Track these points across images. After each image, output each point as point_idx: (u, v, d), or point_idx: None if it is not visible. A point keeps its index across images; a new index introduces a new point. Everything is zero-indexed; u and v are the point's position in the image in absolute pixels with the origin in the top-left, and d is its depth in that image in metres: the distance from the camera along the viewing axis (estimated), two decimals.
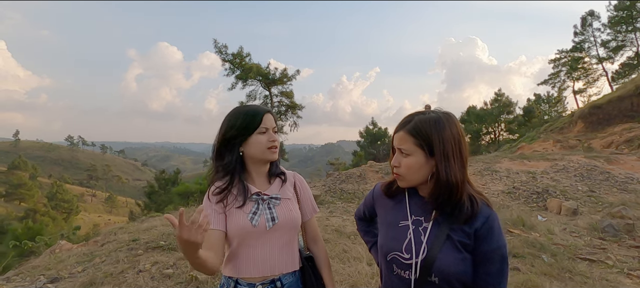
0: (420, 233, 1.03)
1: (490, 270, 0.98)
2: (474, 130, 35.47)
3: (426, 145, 0.99)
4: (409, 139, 1.01)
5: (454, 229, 1.00)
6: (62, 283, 3.31)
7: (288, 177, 1.30)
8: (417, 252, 1.01)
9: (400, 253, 1.04)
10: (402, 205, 1.11)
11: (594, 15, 30.88)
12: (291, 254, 1.24)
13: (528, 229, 5.04)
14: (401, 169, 1.04)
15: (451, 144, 0.99)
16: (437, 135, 0.98)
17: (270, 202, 1.21)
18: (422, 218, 1.05)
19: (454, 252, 0.98)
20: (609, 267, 3.78)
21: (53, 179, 78.36)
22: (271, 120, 1.21)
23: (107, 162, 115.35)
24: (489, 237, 0.98)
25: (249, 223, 1.16)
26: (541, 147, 17.79)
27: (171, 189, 21.06)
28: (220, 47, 20.57)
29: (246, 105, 1.25)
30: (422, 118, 1.01)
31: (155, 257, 3.57)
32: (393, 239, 1.07)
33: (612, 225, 4.98)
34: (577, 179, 8.34)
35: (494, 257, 0.98)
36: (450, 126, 1.00)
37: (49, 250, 5.12)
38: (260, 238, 1.18)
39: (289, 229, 1.22)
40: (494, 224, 0.99)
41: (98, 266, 3.56)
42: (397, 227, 1.08)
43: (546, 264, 3.73)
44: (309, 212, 1.33)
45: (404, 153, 1.03)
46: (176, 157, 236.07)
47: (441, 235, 1.00)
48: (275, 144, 1.21)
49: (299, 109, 22.60)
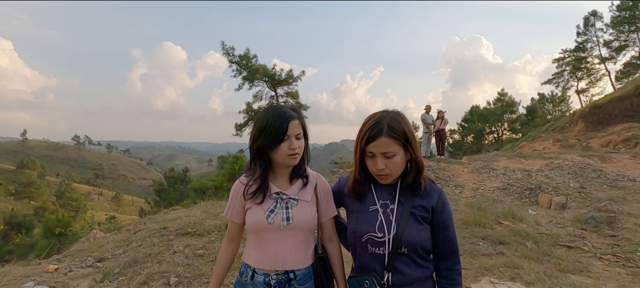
0: (388, 214, 1.20)
1: (448, 233, 1.23)
2: (477, 129, 35.71)
3: (404, 140, 1.16)
4: (392, 141, 1.14)
5: (415, 207, 1.20)
6: (107, 262, 3.86)
7: (310, 179, 1.35)
8: (389, 229, 1.18)
9: (374, 233, 1.20)
10: (369, 194, 1.26)
11: (596, 16, 31.06)
12: (305, 252, 1.31)
13: (517, 221, 5.51)
14: (388, 170, 1.17)
15: (413, 133, 1.19)
16: (407, 128, 1.16)
17: (289, 202, 1.28)
18: (387, 201, 1.23)
19: (417, 225, 1.19)
20: (584, 252, 4.27)
21: (61, 178, 79.55)
22: (295, 126, 1.24)
23: (113, 161, 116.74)
24: (443, 209, 1.22)
25: (265, 220, 1.25)
26: (541, 146, 18.16)
27: (180, 187, 21.72)
28: (227, 49, 21.15)
29: (270, 108, 1.29)
30: (389, 120, 1.15)
31: (186, 241, 4.11)
32: (365, 223, 1.22)
33: (594, 217, 5.45)
34: (570, 177, 8.78)
35: (449, 223, 1.23)
36: (407, 120, 1.20)
37: (83, 238, 5.68)
38: (275, 235, 1.27)
39: (302, 230, 1.29)
40: (445, 199, 1.24)
41: (136, 249, 4.10)
42: (368, 212, 1.23)
43: (528, 249, 4.21)
44: (327, 214, 1.37)
45: (389, 156, 1.16)
46: (181, 156, 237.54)
47: (405, 213, 1.19)
48: (295, 151, 1.24)
49: (304, 109, 23.11)
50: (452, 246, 1.23)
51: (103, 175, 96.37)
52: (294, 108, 1.29)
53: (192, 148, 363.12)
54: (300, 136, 1.27)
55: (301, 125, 1.26)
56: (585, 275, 3.55)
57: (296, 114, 1.27)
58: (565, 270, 3.64)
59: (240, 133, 21.64)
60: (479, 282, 3.34)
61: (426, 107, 11.26)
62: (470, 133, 36.51)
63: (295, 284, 1.28)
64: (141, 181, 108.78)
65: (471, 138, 36.65)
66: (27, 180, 62.64)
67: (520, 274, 3.50)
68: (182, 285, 3.15)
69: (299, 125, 1.25)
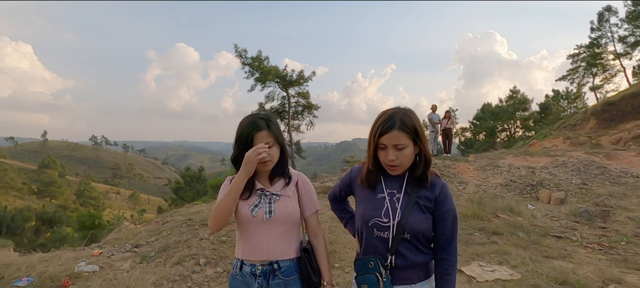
0: (394, 202, 1.30)
1: (446, 224, 1.31)
2: (489, 127, 35.57)
3: (414, 134, 1.26)
4: (403, 135, 1.24)
5: (420, 197, 1.29)
6: (143, 248, 4.42)
7: (292, 178, 1.46)
8: (394, 215, 1.28)
9: (380, 218, 1.30)
10: (379, 184, 1.36)
11: (611, 11, 30.59)
12: (288, 243, 1.41)
13: (514, 215, 5.87)
14: (398, 161, 1.26)
15: (423, 128, 1.31)
16: (417, 123, 1.27)
17: (272, 197, 1.40)
18: (394, 190, 1.33)
19: (420, 214, 1.28)
20: (572, 241, 4.63)
21: (80, 177, 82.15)
22: (262, 137, 1.34)
23: (129, 161, 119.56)
24: (445, 201, 1.31)
25: (249, 214, 1.37)
26: (551, 143, 18.20)
27: (196, 185, 22.54)
28: (240, 51, 21.80)
29: (245, 118, 1.40)
30: (401, 116, 1.26)
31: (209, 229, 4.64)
32: (373, 209, 1.32)
33: (587, 211, 5.76)
34: (573, 173, 9.03)
35: (448, 216, 1.31)
36: (416, 116, 1.30)
37: (116, 229, 6.30)
38: (259, 227, 1.38)
39: (284, 222, 1.39)
40: (447, 192, 1.33)
41: (167, 237, 4.66)
42: (376, 199, 1.33)
43: (519, 239, 4.60)
44: (309, 209, 1.47)
45: (400, 148, 1.25)
46: (194, 156, 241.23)
47: (411, 202, 1.28)
48: (264, 159, 1.33)
49: (314, 109, 23.65)
50: (449, 237, 1.31)
51: (120, 175, 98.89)
52: (266, 117, 1.40)
53: (205, 147, 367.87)
54: (271, 144, 1.36)
55: (271, 134, 1.36)
56: (567, 260, 3.93)
57: (265, 124, 1.36)
58: (549, 256, 4.03)
59: None
60: (469, 265, 3.77)
61: (432, 107, 11.61)
62: (482, 131, 36.39)
63: (279, 275, 1.38)
64: (156, 180, 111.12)
65: (483, 136, 36.52)
66: (48, 180, 64.98)
67: (508, 259, 3.90)
68: (209, 265, 3.67)
69: (267, 135, 1.35)
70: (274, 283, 1.37)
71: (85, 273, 3.52)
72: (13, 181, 57.55)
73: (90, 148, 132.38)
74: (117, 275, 3.48)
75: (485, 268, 3.64)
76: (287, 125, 22.99)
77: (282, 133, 1.45)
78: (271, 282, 1.37)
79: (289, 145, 22.95)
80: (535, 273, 3.43)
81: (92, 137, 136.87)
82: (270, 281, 1.37)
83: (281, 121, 23.45)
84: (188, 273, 3.57)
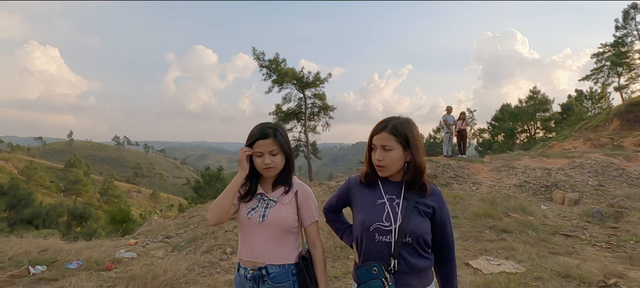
0: (394, 207, 1.34)
1: (446, 229, 1.38)
2: (508, 128, 34.96)
3: (404, 141, 1.31)
4: (392, 138, 1.31)
5: (419, 202, 1.34)
6: (173, 238, 4.83)
7: (293, 187, 1.51)
8: (395, 220, 1.32)
9: (381, 223, 1.33)
10: (377, 189, 1.40)
11: (637, 8, 29.59)
12: (277, 249, 1.45)
13: (526, 214, 6.00)
14: (385, 162, 1.33)
15: (417, 140, 1.34)
16: (410, 133, 1.32)
17: (269, 202, 1.46)
18: (394, 196, 1.37)
19: (420, 218, 1.33)
20: (581, 240, 4.76)
21: (103, 176, 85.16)
22: (267, 144, 1.42)
23: (150, 160, 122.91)
24: (442, 208, 1.37)
25: (245, 215, 1.46)
26: (571, 145, 17.87)
27: (215, 184, 23.21)
28: (258, 54, 22.34)
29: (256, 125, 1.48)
30: (397, 121, 1.33)
31: (234, 223, 5.00)
32: (374, 214, 1.35)
33: (600, 211, 5.84)
34: (591, 175, 8.99)
35: (447, 221, 1.38)
36: (414, 127, 1.36)
37: (146, 223, 6.77)
38: (253, 229, 1.45)
39: (275, 227, 1.44)
40: (443, 198, 1.40)
41: (194, 229, 5.06)
42: (376, 204, 1.37)
43: (528, 236, 4.76)
44: (307, 219, 1.51)
45: (387, 149, 1.32)
46: (212, 156, 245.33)
47: (410, 206, 1.33)
48: (268, 166, 1.42)
49: (330, 110, 23.94)
50: (447, 243, 1.38)
51: (141, 174, 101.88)
52: (274, 126, 1.47)
53: (223, 148, 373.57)
54: (276, 152, 1.43)
55: (276, 142, 1.42)
56: (573, 257, 4.08)
57: (272, 132, 1.43)
58: (556, 253, 4.19)
59: None
60: (476, 259, 3.98)
61: (447, 108, 11.71)
62: (500, 132, 35.79)
63: (268, 281, 1.43)
64: (175, 180, 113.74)
65: (502, 137, 35.92)
66: (74, 178, 67.64)
67: (514, 255, 4.09)
68: (235, 253, 4.02)
69: (273, 142, 1.42)
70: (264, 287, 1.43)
71: (125, 259, 3.93)
72: (42, 179, 60.34)
73: (113, 148, 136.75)
74: (153, 261, 3.88)
75: (492, 262, 3.85)
76: (304, 126, 23.36)
77: (290, 143, 1.51)
78: (261, 287, 1.43)
79: (305, 145, 23.33)
80: (540, 267, 3.62)
81: (114, 137, 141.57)
82: (260, 285, 1.43)
83: (298, 122, 23.85)
84: (216, 260, 3.93)
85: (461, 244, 4.55)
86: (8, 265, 3.55)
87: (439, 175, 9.16)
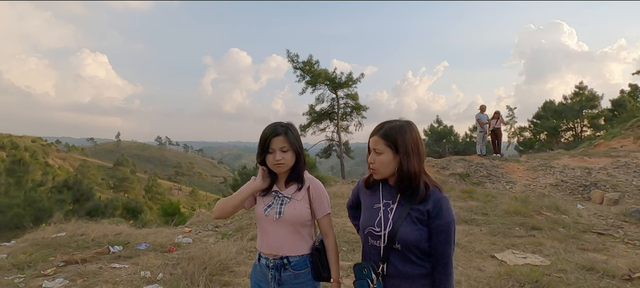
0: (388, 212, 1.34)
1: (440, 238, 1.29)
2: (551, 126, 33.23)
3: (393, 145, 1.30)
4: (381, 141, 1.32)
5: (413, 208, 1.30)
6: (222, 228, 5.42)
7: (305, 183, 1.57)
8: (385, 225, 1.32)
9: (373, 227, 1.35)
10: (377, 192, 1.42)
11: None
12: (296, 241, 1.55)
13: (560, 213, 6.01)
14: (376, 165, 1.34)
15: (411, 144, 1.30)
16: (400, 137, 1.30)
17: (284, 199, 1.54)
18: (390, 201, 1.36)
19: (411, 225, 1.29)
20: (614, 238, 4.77)
21: (148, 174, 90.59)
22: (278, 141, 1.48)
23: (189, 160, 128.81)
24: (438, 215, 1.28)
25: (262, 212, 1.55)
26: (619, 143, 16.86)
27: None
28: (292, 56, 23.04)
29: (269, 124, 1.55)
30: (390, 125, 1.33)
31: None
32: (369, 218, 1.39)
33: (639, 210, 5.73)
34: (636, 175, 8.63)
35: (442, 229, 1.28)
36: (410, 131, 1.32)
37: (195, 215, 7.49)
38: (271, 225, 1.54)
39: (292, 222, 1.53)
40: (442, 205, 1.29)
41: (239, 220, 5.63)
42: (373, 208, 1.39)
43: (559, 233, 4.85)
44: (320, 212, 1.57)
45: (378, 153, 1.33)
46: (247, 156, 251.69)
47: (403, 213, 1.31)
48: (279, 161, 1.48)
49: (363, 110, 24.19)
50: (441, 251, 1.29)
51: (182, 173, 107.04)
52: (286, 125, 1.54)
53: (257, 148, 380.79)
54: (286, 149, 1.49)
55: (287, 140, 1.49)
56: (603, 253, 4.15)
57: (283, 130, 1.50)
58: (585, 249, 4.28)
59: (304, 133, 23.43)
60: (502, 252, 4.18)
61: (481, 107, 11.63)
62: (542, 130, 34.10)
63: (289, 268, 1.53)
64: (213, 178, 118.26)
65: (544, 136, 34.21)
66: (122, 176, 72.56)
67: (541, 249, 4.24)
68: None
69: (284, 140, 1.48)
70: (285, 275, 1.53)
71: (183, 243, 4.54)
72: (95, 177, 65.31)
73: (156, 148, 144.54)
74: (206, 246, 4.45)
75: (518, 255, 4.04)
76: (336, 126, 23.78)
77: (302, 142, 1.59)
78: (283, 274, 1.53)
79: (338, 145, 23.73)
80: (565, 260, 3.77)
81: (157, 137, 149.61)
82: (282, 273, 1.53)
83: (330, 122, 24.30)
84: None
85: (489, 239, 4.74)
86: (92, 245, 4.27)
87: (472, 174, 9.21)
